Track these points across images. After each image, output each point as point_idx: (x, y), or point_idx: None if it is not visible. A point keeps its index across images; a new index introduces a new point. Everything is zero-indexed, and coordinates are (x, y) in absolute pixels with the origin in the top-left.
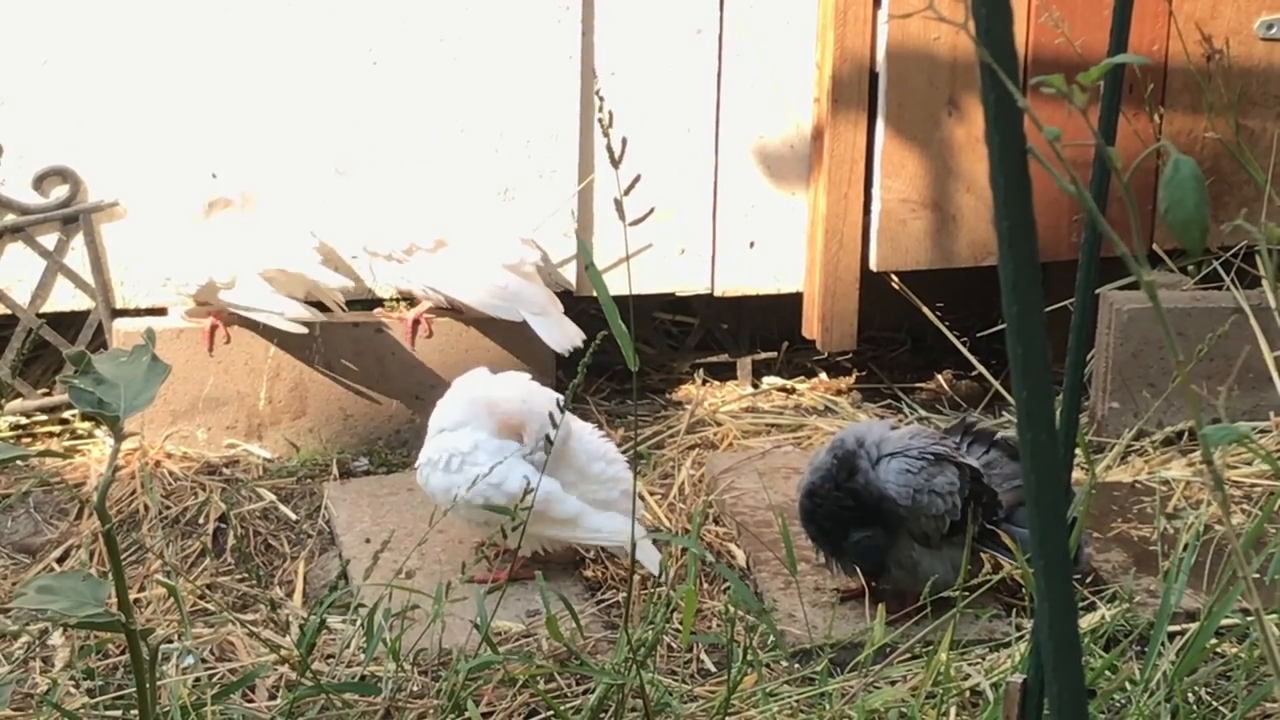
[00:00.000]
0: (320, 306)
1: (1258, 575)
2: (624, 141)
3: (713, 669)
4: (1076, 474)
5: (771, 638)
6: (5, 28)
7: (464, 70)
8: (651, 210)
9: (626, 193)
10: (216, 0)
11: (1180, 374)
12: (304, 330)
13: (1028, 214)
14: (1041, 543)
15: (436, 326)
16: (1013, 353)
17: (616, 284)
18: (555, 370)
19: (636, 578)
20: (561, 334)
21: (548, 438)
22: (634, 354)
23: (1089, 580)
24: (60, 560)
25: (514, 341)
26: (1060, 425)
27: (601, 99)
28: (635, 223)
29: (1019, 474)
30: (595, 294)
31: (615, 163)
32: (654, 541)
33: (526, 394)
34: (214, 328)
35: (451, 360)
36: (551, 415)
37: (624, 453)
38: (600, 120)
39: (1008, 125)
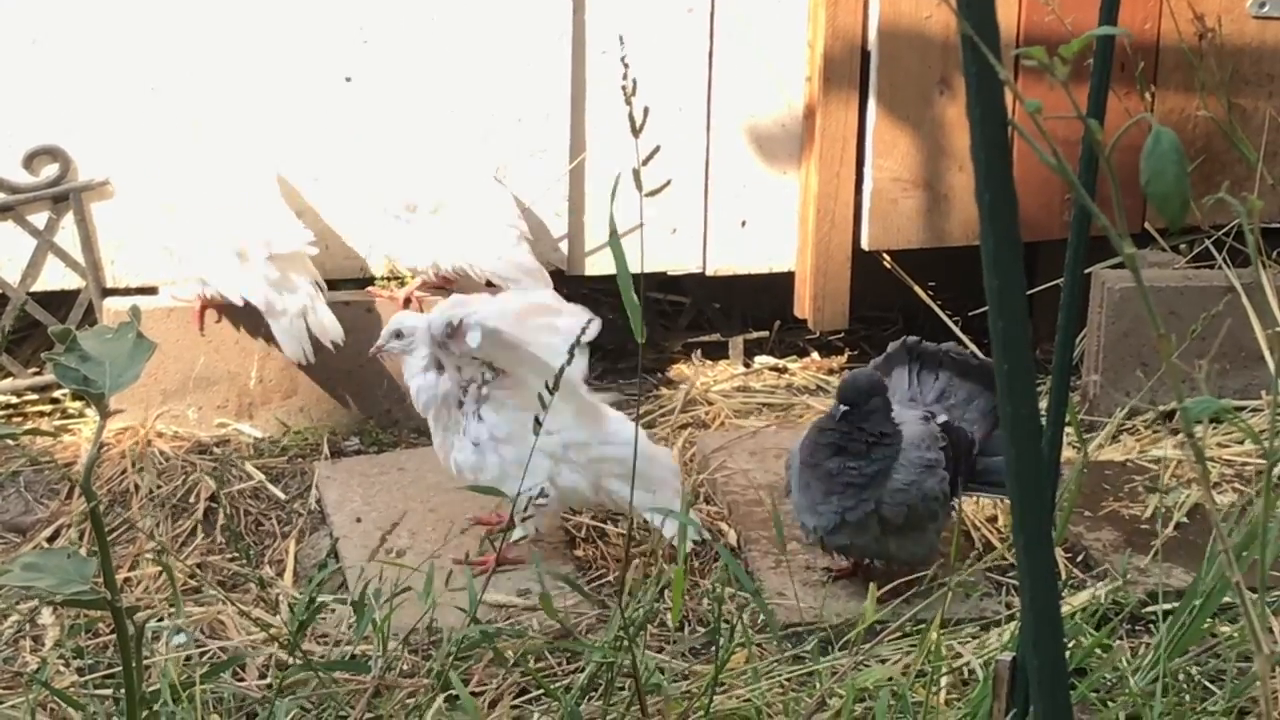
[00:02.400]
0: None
1: (1246, 552)
2: (645, 110)
3: (700, 647)
4: (1068, 453)
5: (762, 616)
6: None
7: (455, 49)
8: (669, 182)
9: (645, 162)
10: None
11: (1163, 350)
12: (305, 359)
13: (1009, 188)
14: (1022, 519)
15: (428, 305)
16: (994, 327)
17: (607, 265)
18: None
19: (630, 555)
20: None
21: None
22: (642, 326)
23: (1080, 558)
24: (51, 539)
25: None
26: (1050, 403)
27: (627, 65)
28: (652, 193)
29: (975, 394)
30: (587, 273)
31: (636, 131)
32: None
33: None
34: (204, 307)
35: None
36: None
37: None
38: (623, 88)
39: (989, 99)
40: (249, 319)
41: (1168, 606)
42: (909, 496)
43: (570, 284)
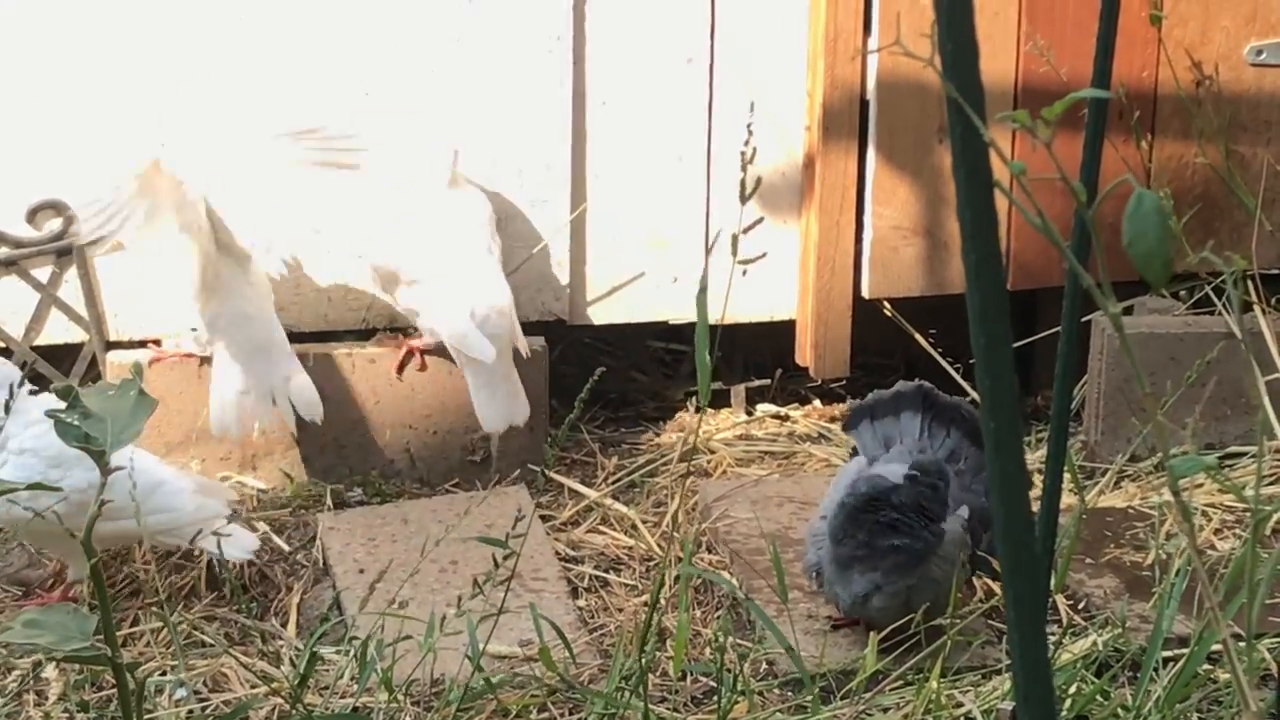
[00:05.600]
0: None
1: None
2: (758, 181)
3: (701, 697)
4: (1067, 499)
5: (764, 665)
6: None
7: (456, 101)
8: (764, 255)
9: (747, 231)
10: (210, 37)
11: (1150, 408)
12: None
13: (994, 246)
14: (1011, 573)
15: (430, 359)
16: (981, 385)
17: (609, 314)
18: (549, 400)
19: (633, 605)
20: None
21: None
22: (709, 387)
23: (1081, 605)
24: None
25: None
26: (1049, 450)
27: (751, 132)
28: (746, 263)
29: (985, 465)
30: (588, 323)
31: (744, 198)
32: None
33: None
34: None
35: (446, 390)
36: None
37: (615, 481)
38: (742, 154)
39: (974, 158)
40: None
41: (1168, 654)
42: (939, 589)
43: (571, 333)
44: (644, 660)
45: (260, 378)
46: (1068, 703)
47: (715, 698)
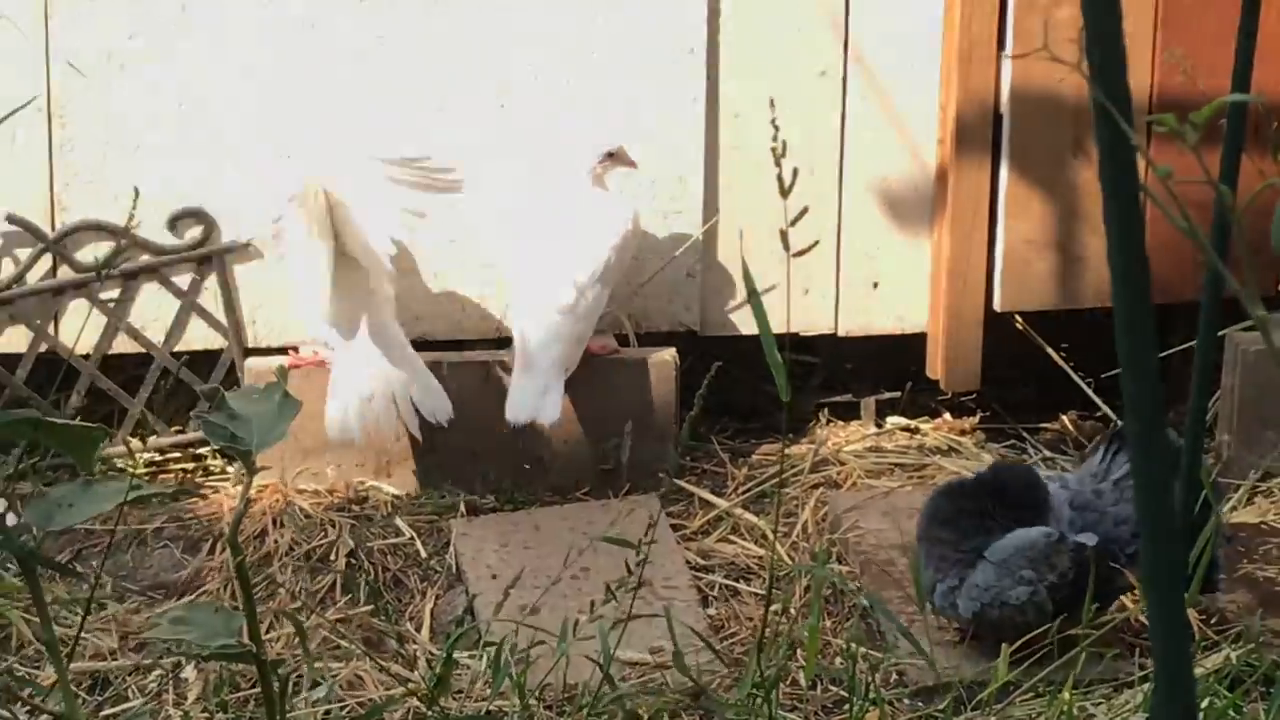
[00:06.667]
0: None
1: None
2: (795, 172)
3: (831, 706)
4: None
5: (894, 675)
6: (139, 74)
7: (591, 114)
8: (816, 243)
9: (794, 223)
10: (345, 55)
11: None
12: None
13: (1140, 252)
14: (1154, 578)
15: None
16: (1126, 389)
17: (740, 325)
18: (678, 409)
19: (762, 613)
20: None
21: None
22: (788, 385)
23: (1214, 620)
24: (194, 597)
25: (638, 380)
26: (1184, 465)
27: (777, 127)
28: (799, 253)
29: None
30: (719, 334)
31: (785, 192)
32: None
33: None
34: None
35: (577, 399)
36: None
37: (746, 491)
38: (773, 149)
39: (1121, 165)
40: None
41: None
42: (986, 597)
43: (700, 345)
44: (773, 667)
45: (383, 383)
46: (1200, 717)
47: (845, 707)
